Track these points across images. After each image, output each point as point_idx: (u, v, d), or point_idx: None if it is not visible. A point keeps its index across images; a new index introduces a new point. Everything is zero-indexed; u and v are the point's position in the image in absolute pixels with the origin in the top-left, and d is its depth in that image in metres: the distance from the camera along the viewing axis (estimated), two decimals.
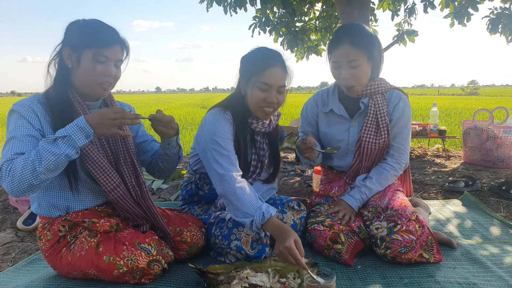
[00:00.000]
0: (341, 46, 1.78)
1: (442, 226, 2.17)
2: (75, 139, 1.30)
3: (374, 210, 1.81)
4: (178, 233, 1.70)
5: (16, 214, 2.57)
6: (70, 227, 1.54)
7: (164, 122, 1.54)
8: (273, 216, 1.53)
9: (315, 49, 5.44)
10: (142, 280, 1.50)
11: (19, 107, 1.41)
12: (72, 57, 1.45)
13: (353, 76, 1.81)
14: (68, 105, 1.46)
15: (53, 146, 1.28)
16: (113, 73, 1.49)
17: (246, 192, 1.57)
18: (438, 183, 3.18)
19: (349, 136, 1.97)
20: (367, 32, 1.84)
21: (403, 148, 1.95)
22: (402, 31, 4.43)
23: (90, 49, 1.42)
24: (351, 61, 1.78)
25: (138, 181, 1.66)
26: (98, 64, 1.44)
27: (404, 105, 1.93)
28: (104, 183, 1.51)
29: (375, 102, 1.91)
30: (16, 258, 1.97)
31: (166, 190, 3.21)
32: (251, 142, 1.86)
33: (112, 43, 1.46)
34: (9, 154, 1.33)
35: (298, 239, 1.44)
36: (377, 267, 1.66)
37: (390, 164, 1.93)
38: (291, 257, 1.40)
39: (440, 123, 4.40)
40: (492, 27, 4.25)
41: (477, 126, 3.84)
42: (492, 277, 1.55)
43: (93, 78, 1.45)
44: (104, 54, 1.44)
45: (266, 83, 1.67)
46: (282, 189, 3.11)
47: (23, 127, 1.39)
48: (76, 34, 1.45)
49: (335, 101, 2.01)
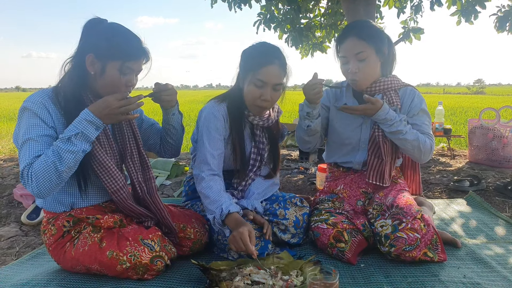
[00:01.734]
0: (348, 39, 1.78)
1: (446, 226, 2.15)
2: (87, 134, 1.35)
3: (379, 208, 1.80)
4: (182, 229, 1.71)
5: (21, 209, 2.58)
6: (74, 223, 1.55)
7: (168, 90, 1.61)
8: (234, 212, 1.60)
9: (320, 46, 5.42)
10: (145, 276, 1.50)
11: (31, 104, 1.40)
12: (96, 65, 1.43)
13: (361, 69, 1.79)
14: (79, 103, 1.45)
15: (69, 144, 1.32)
16: (135, 83, 1.52)
17: (212, 190, 1.66)
18: (442, 182, 3.16)
19: (361, 133, 1.95)
20: (374, 26, 1.83)
21: (430, 134, 1.87)
22: (408, 29, 4.40)
23: (117, 61, 1.42)
24: (358, 54, 1.77)
25: (145, 176, 1.67)
26: (123, 76, 1.45)
27: (420, 100, 1.89)
28: (109, 184, 1.51)
29: (388, 98, 1.87)
30: (20, 252, 1.98)
31: (169, 186, 3.22)
32: (251, 136, 1.87)
33: (139, 56, 1.47)
34: (28, 158, 1.33)
35: (252, 230, 1.54)
36: (380, 266, 1.65)
37: (423, 134, 1.83)
38: (241, 242, 1.49)
39: (446, 122, 4.36)
40: (499, 25, 4.20)
41: (483, 125, 3.81)
42: (497, 277, 1.53)
43: (116, 88, 1.46)
44: (131, 67, 1.45)
45: (262, 80, 1.68)
46: (285, 186, 3.10)
47: (37, 127, 1.38)
48: (102, 42, 1.42)
49: (349, 96, 1.98)
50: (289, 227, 1.81)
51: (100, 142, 1.49)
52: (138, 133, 1.67)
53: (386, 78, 1.88)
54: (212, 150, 1.73)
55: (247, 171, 1.86)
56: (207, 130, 1.75)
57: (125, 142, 1.61)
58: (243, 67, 1.76)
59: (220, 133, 1.76)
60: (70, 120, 1.39)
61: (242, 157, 1.82)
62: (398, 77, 1.93)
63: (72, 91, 1.45)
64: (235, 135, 1.80)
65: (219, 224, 1.62)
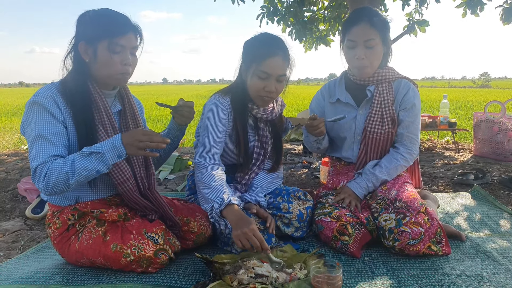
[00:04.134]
0: (359, 24, 1.78)
1: (450, 219, 2.14)
2: (107, 157, 1.36)
3: (382, 202, 1.79)
4: (186, 223, 1.71)
5: (25, 203, 2.59)
6: (79, 216, 1.56)
7: (191, 107, 1.64)
8: (234, 204, 1.57)
9: (323, 40, 5.37)
10: (149, 269, 1.50)
11: (41, 98, 1.40)
12: (88, 51, 1.44)
13: (368, 56, 1.80)
14: (86, 94, 1.47)
15: (86, 160, 1.34)
16: (130, 61, 1.50)
17: (213, 179, 1.62)
18: (447, 175, 3.14)
19: (356, 125, 1.96)
20: (383, 16, 1.84)
21: (416, 138, 1.93)
22: (413, 21, 4.35)
23: (104, 40, 1.42)
24: (368, 41, 1.77)
25: (147, 172, 1.67)
26: (114, 55, 1.44)
27: (414, 94, 1.92)
28: (115, 175, 1.51)
29: (380, 91, 1.90)
30: (25, 246, 1.99)
31: (173, 181, 3.22)
32: (254, 129, 1.87)
33: (126, 31, 1.45)
34: (42, 157, 1.36)
35: (255, 228, 1.49)
36: (384, 259, 1.65)
37: (402, 154, 1.90)
38: (255, 239, 1.46)
39: (450, 116, 4.33)
40: (506, 17, 4.15)
41: (488, 118, 3.78)
42: (501, 270, 1.53)
43: (112, 69, 1.45)
44: (119, 43, 1.44)
45: (266, 72, 1.67)
46: (289, 180, 3.10)
47: (48, 124, 1.39)
48: (88, 26, 1.43)
49: (341, 90, 1.99)
50: (293, 220, 1.81)
51: (108, 134, 1.50)
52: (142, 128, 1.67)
53: (381, 70, 1.90)
54: (215, 141, 1.73)
55: (251, 164, 1.85)
56: (210, 122, 1.75)
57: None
58: (245, 59, 1.75)
59: (223, 125, 1.76)
60: (77, 111, 1.43)
61: (245, 150, 1.82)
62: (394, 69, 1.95)
63: (76, 83, 1.46)
64: (239, 128, 1.79)
65: (216, 214, 1.59)
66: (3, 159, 4.05)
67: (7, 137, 6.20)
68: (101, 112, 1.49)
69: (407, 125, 1.91)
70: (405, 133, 1.91)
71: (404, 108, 1.91)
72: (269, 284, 1.37)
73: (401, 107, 1.91)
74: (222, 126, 1.76)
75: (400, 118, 1.92)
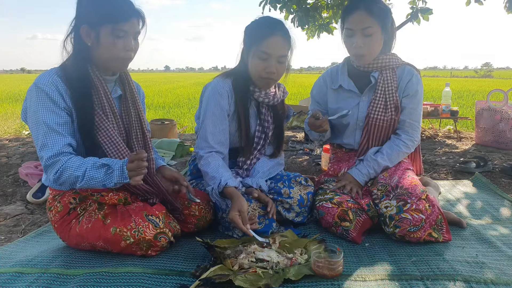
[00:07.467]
0: (356, 12, 1.76)
1: (452, 206, 2.14)
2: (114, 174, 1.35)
3: (383, 188, 1.79)
4: (187, 206, 1.71)
5: (26, 187, 2.59)
6: (80, 200, 1.56)
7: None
8: (231, 186, 1.63)
9: (326, 27, 5.31)
10: (148, 252, 1.51)
11: (43, 85, 1.40)
12: (91, 34, 1.42)
13: (366, 44, 1.78)
14: (87, 80, 1.46)
15: (97, 171, 1.36)
16: (133, 47, 1.49)
17: (209, 166, 1.70)
18: (448, 163, 3.13)
19: (359, 111, 1.94)
20: (382, 2, 1.81)
21: (417, 125, 1.92)
22: (417, 9, 4.29)
23: (108, 25, 1.40)
24: (365, 29, 1.75)
25: (147, 157, 1.66)
26: (117, 40, 1.43)
27: (417, 81, 1.90)
28: (114, 157, 1.50)
29: (384, 77, 1.88)
30: (26, 230, 2.00)
31: (175, 166, 3.22)
32: (256, 114, 1.86)
33: (130, 17, 1.44)
34: (52, 147, 1.38)
35: (243, 210, 1.56)
36: (385, 245, 1.65)
37: (403, 141, 1.89)
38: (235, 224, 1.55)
39: (452, 105, 4.31)
40: (510, 5, 4.09)
41: (490, 106, 3.76)
42: (502, 257, 1.53)
43: (115, 54, 1.45)
44: (123, 29, 1.42)
45: (266, 52, 1.66)
46: (291, 167, 3.09)
47: (52, 113, 1.40)
48: (91, 9, 1.41)
49: (344, 76, 1.97)
50: (294, 205, 1.81)
51: (108, 118, 1.49)
52: (143, 115, 1.68)
53: (385, 56, 1.88)
54: (212, 128, 1.74)
55: (252, 148, 1.85)
56: (209, 107, 1.75)
57: (131, 122, 1.61)
58: (247, 41, 1.75)
59: (223, 109, 1.76)
60: (77, 96, 1.43)
61: (247, 133, 1.81)
62: (397, 55, 1.93)
63: (76, 68, 1.45)
64: (240, 111, 1.79)
65: (216, 195, 1.66)
66: (4, 144, 4.05)
67: (8, 122, 6.22)
68: (101, 97, 1.48)
69: (410, 112, 1.90)
70: (407, 120, 1.90)
71: (407, 94, 1.89)
72: (270, 269, 1.38)
73: (404, 93, 1.90)
74: (221, 110, 1.76)
75: (402, 104, 1.90)
